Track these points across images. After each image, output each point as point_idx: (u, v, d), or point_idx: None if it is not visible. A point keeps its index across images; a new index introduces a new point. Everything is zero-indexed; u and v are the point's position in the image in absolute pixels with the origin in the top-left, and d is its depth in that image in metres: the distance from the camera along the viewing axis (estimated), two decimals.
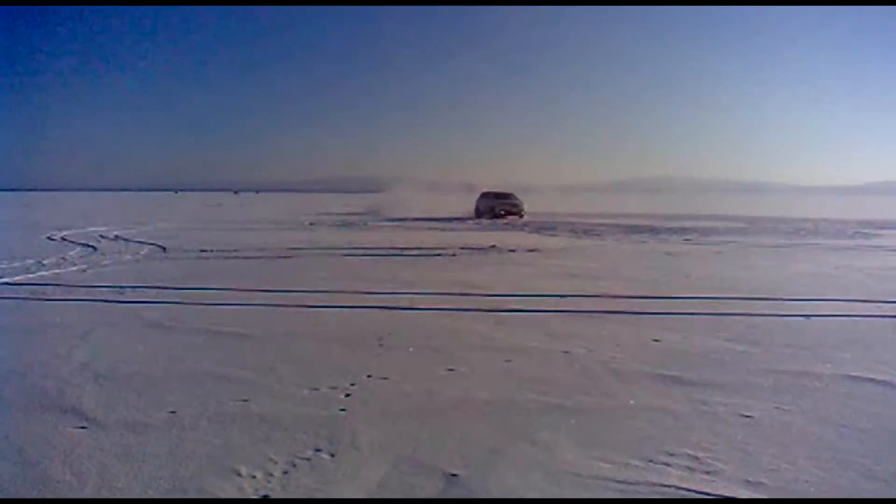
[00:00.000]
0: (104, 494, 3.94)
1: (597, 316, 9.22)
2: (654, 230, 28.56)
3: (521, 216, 39.94)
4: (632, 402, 5.62)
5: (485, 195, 42.96)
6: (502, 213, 40.05)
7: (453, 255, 17.85)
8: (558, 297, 10.68)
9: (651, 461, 4.43)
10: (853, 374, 6.44)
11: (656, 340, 7.79)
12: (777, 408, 5.48)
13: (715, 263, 16.20)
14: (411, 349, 7.36)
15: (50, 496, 3.92)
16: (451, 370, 6.54)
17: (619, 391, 5.89)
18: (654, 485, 4.07)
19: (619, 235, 25.53)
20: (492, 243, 21.10)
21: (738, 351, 7.33)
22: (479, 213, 41.18)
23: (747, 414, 5.34)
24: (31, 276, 13.33)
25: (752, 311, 9.56)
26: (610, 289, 11.55)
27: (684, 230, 28.49)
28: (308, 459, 4.43)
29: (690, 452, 4.56)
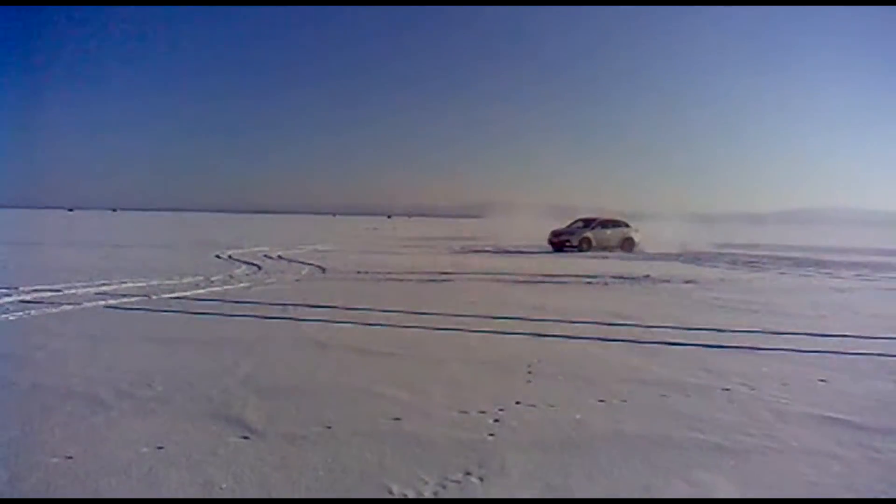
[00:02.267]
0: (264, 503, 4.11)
1: (758, 352, 8.79)
2: (819, 263, 27.00)
3: (628, 248, 33.38)
4: (796, 444, 5.31)
5: (581, 223, 34.94)
6: (588, 244, 32.72)
7: (605, 283, 17.56)
8: (716, 332, 10.26)
9: None
10: None
11: (823, 381, 7.33)
12: None
13: (886, 301, 15.11)
14: (561, 378, 7.28)
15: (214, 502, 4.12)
16: (601, 401, 6.41)
17: (782, 433, 5.58)
18: None
19: (782, 268, 24.29)
20: (645, 273, 20.60)
21: None
22: (559, 244, 33.22)
23: None
24: (200, 291, 14.19)
25: None
26: (772, 324, 10.99)
27: (853, 265, 26.74)
28: (458, 482, 4.45)
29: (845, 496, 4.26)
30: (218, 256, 24.92)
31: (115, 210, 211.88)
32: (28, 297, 12.64)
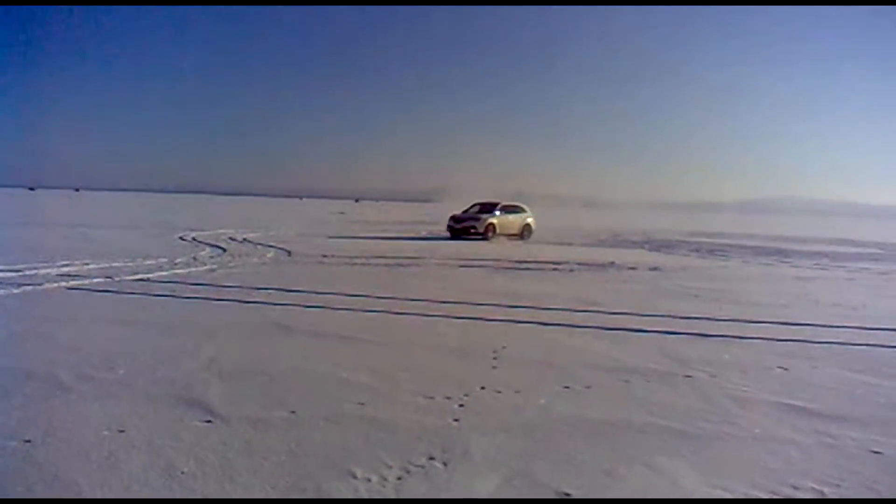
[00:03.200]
0: (226, 487, 4.09)
1: (719, 340, 8.91)
2: (781, 252, 27.40)
3: (523, 236, 31.35)
4: (756, 431, 5.40)
5: (479, 207, 32.53)
6: (493, 230, 30.16)
7: (571, 270, 17.67)
8: (679, 319, 10.38)
9: (774, 493, 4.24)
10: None
11: (783, 368, 7.46)
12: None
13: (846, 290, 15.38)
14: (526, 364, 7.32)
15: (175, 485, 4.10)
16: (566, 387, 6.46)
17: (742, 419, 5.67)
18: None
19: (744, 256, 24.62)
20: (610, 260, 20.77)
21: (870, 384, 6.93)
22: (461, 231, 30.79)
23: (877, 450, 5.05)
24: (163, 273, 14.04)
25: (887, 343, 9.01)
26: (734, 312, 11.14)
27: (814, 254, 27.18)
28: (422, 467, 4.47)
29: (816, 487, 4.35)
30: (182, 238, 24.65)
31: (77, 190, 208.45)
32: None
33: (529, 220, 32.35)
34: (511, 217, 31.56)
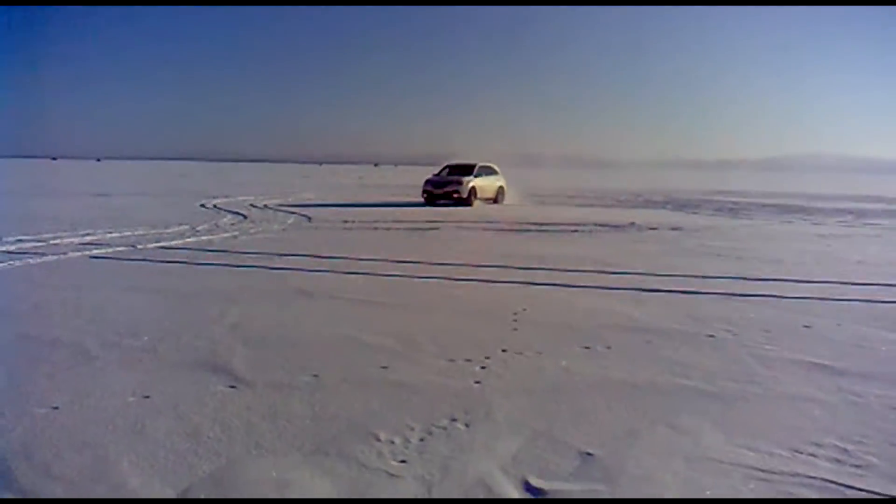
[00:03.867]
0: (252, 452, 4.13)
1: (743, 299, 8.85)
2: (805, 210, 27.13)
3: (497, 200, 29.44)
4: (779, 389, 5.37)
5: (449, 170, 29.88)
6: (461, 196, 27.44)
7: (590, 231, 17.59)
8: (701, 278, 10.32)
9: (797, 451, 4.21)
10: None
11: (807, 327, 7.40)
12: None
13: (872, 247, 15.20)
14: (546, 325, 7.31)
15: (202, 450, 4.14)
16: (587, 348, 6.45)
17: (766, 378, 5.63)
18: (800, 476, 3.88)
19: (766, 215, 24.40)
20: (631, 220, 20.65)
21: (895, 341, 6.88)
22: (441, 196, 28.01)
23: None
24: (186, 241, 14.13)
25: None
26: (757, 271, 11.06)
27: (838, 211, 26.88)
28: (444, 428, 4.48)
29: (839, 445, 4.31)
30: (203, 206, 24.79)
31: (99, 160, 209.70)
32: (12, 248, 12.54)
33: (501, 182, 30.06)
34: (490, 179, 29.38)
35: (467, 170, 28.77)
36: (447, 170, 29.84)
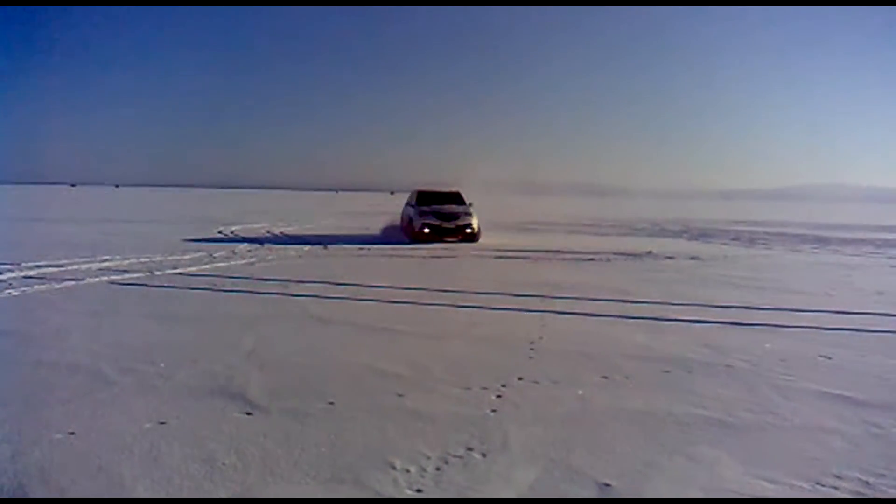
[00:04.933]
0: (267, 479, 4.11)
1: (760, 329, 8.78)
2: (823, 240, 26.94)
3: (469, 235, 22.09)
4: (797, 420, 5.30)
5: (419, 196, 24.09)
6: (473, 231, 22.09)
7: (607, 260, 17.53)
8: (719, 308, 10.25)
9: (819, 483, 4.16)
10: None
11: (826, 357, 7.32)
12: None
13: (890, 277, 15.08)
14: (563, 354, 7.27)
15: (217, 477, 4.13)
16: (605, 378, 6.40)
17: (785, 409, 5.57)
18: None
19: (784, 245, 24.24)
20: (648, 249, 20.57)
21: None
22: (439, 231, 21.94)
23: None
24: (203, 267, 14.20)
25: None
26: (775, 301, 10.98)
27: (857, 241, 26.68)
28: (460, 457, 4.45)
29: (861, 477, 4.25)
30: (221, 233, 24.92)
31: (117, 186, 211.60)
32: (31, 273, 12.64)
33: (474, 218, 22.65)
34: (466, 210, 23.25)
35: (454, 198, 24.00)
36: (417, 195, 24.07)
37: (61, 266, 13.73)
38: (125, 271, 13.24)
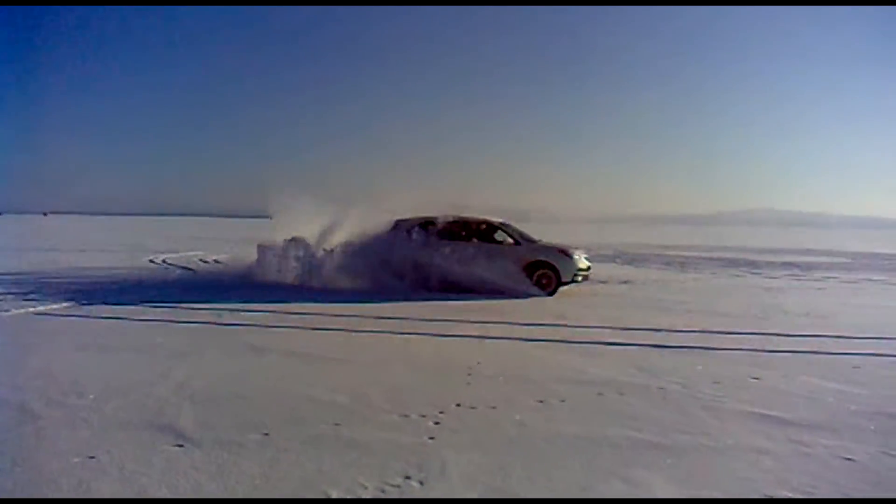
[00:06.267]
0: None
1: (692, 351, 8.98)
2: (752, 264, 27.70)
3: None
4: (730, 441, 5.43)
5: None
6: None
7: None
8: (651, 331, 10.45)
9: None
10: None
11: (755, 378, 7.52)
12: (883, 452, 5.22)
13: (817, 300, 15.59)
14: (501, 379, 7.32)
15: None
16: (541, 402, 6.46)
17: (717, 430, 5.70)
18: None
19: (715, 269, 24.85)
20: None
21: (842, 391, 7.00)
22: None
23: (849, 457, 5.09)
24: (135, 297, 13.86)
25: (857, 351, 9.13)
26: (705, 324, 11.24)
27: (784, 265, 27.52)
28: (398, 486, 4.43)
29: (791, 496, 4.37)
30: (152, 261, 24.40)
31: (45, 214, 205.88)
32: None
33: None
34: None
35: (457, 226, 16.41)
36: (404, 226, 16.46)
37: None
38: (52, 302, 12.84)
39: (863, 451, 5.24)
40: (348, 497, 4.25)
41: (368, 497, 4.26)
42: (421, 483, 4.50)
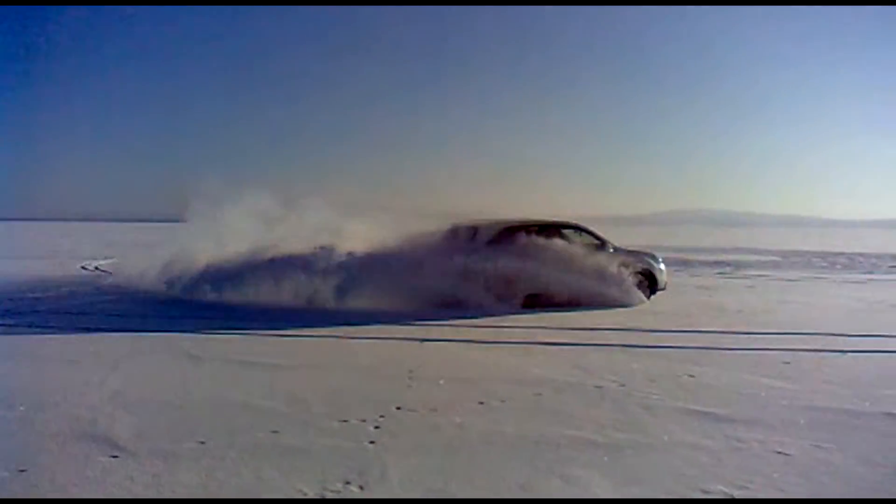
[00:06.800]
0: None
1: (629, 350, 9.13)
2: (685, 263, 28.27)
3: None
4: (666, 438, 5.53)
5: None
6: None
7: None
8: (589, 331, 10.59)
9: (685, 498, 4.35)
10: (893, 411, 6.31)
11: (690, 376, 7.68)
12: (815, 445, 5.37)
13: (748, 297, 16.02)
14: (441, 381, 7.33)
15: None
16: (481, 403, 6.49)
17: (653, 427, 5.80)
18: None
19: None
20: None
21: (774, 387, 7.19)
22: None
23: (783, 451, 5.23)
24: (68, 304, 13.51)
25: (787, 347, 9.39)
26: (640, 322, 11.44)
27: (717, 263, 28.19)
28: (338, 492, 4.41)
29: (725, 490, 4.47)
30: (84, 268, 23.77)
31: None
32: None
33: None
34: None
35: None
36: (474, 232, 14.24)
37: None
38: None
39: (795, 444, 5.38)
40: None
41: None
42: (361, 488, 4.46)
